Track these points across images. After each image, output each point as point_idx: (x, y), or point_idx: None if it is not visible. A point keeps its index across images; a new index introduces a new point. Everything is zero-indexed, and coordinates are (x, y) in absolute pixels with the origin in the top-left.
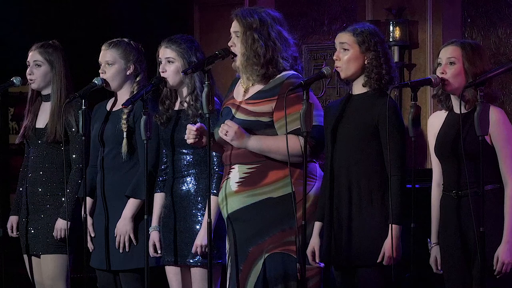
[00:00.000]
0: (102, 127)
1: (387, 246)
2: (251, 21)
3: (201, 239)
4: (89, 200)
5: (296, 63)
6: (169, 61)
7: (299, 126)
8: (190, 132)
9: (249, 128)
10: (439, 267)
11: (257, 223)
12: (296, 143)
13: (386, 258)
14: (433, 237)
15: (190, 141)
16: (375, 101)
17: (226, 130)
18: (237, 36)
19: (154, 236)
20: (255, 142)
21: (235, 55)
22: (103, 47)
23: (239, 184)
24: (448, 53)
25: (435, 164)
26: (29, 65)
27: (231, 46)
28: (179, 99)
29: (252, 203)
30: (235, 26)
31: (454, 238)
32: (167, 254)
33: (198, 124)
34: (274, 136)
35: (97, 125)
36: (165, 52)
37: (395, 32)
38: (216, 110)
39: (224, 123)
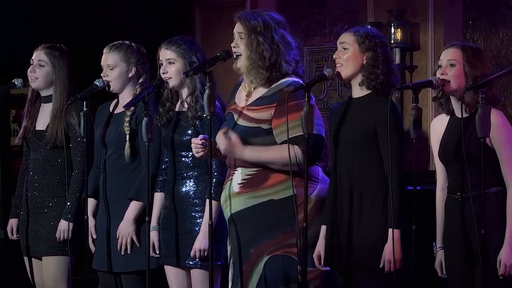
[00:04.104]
0: (104, 129)
1: (388, 251)
2: (255, 24)
3: (199, 243)
4: (93, 201)
5: (298, 66)
6: (169, 62)
7: (297, 134)
8: (197, 146)
9: (251, 134)
10: (444, 271)
11: (259, 225)
12: (291, 153)
13: (387, 263)
14: (439, 241)
15: (199, 154)
16: (374, 104)
17: (219, 144)
18: (241, 38)
19: (153, 236)
20: (250, 154)
21: (238, 55)
22: (104, 51)
23: (241, 185)
24: (449, 55)
25: (439, 168)
26: (32, 64)
27: (234, 46)
28: (179, 101)
29: (253, 205)
30: (239, 28)
31: (458, 241)
32: (168, 255)
33: (201, 136)
34: (269, 147)
35: (100, 127)
36: (165, 54)
37: (397, 34)
38: (216, 113)
39: (218, 135)
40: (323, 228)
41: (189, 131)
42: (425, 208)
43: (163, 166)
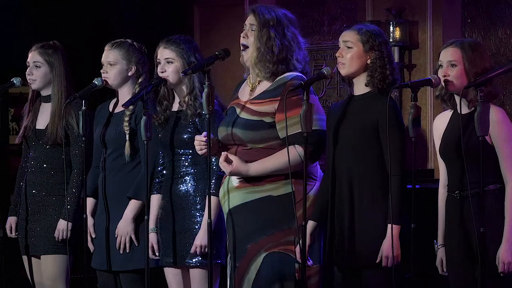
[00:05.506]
0: (104, 128)
1: (385, 246)
2: (268, 18)
3: (200, 239)
4: (92, 201)
5: (305, 67)
6: (168, 62)
7: (300, 130)
8: (200, 143)
9: (253, 128)
10: (444, 269)
11: (257, 221)
12: (295, 155)
13: (384, 258)
14: (440, 239)
15: (203, 151)
16: (375, 101)
17: (224, 167)
18: (252, 30)
19: (151, 238)
20: (256, 169)
21: (245, 47)
22: (106, 47)
23: (241, 180)
24: (448, 55)
25: (441, 166)
26: (28, 66)
27: (243, 37)
28: (177, 100)
29: (252, 200)
30: (251, 20)
31: (458, 239)
32: (166, 255)
33: (204, 133)
34: (272, 156)
35: (100, 126)
36: (164, 53)
37: (395, 33)
38: (215, 111)
39: (220, 162)
40: (310, 224)
41: (189, 129)
42: (424, 207)
43: (159, 168)
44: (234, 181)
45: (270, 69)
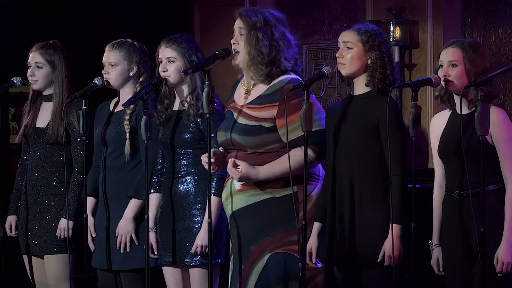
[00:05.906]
0: (104, 128)
1: (387, 246)
2: (255, 20)
3: (201, 239)
4: (92, 200)
5: (296, 64)
6: (170, 61)
7: (302, 134)
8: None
9: (251, 133)
10: (440, 269)
11: (260, 222)
12: (302, 157)
13: (387, 258)
14: (435, 238)
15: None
16: (376, 101)
17: (233, 173)
18: (241, 34)
19: (150, 237)
20: (265, 173)
21: (237, 52)
22: (106, 48)
23: (243, 183)
24: (449, 55)
25: (437, 165)
26: (29, 66)
27: (234, 43)
28: (177, 99)
29: (255, 202)
30: (239, 24)
31: (456, 239)
32: (165, 254)
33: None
34: (279, 159)
35: (100, 126)
36: (166, 52)
37: (396, 32)
38: (216, 110)
39: (228, 168)
40: (316, 225)
41: (190, 129)
42: (424, 206)
43: (158, 167)
44: (237, 184)
45: (263, 71)
